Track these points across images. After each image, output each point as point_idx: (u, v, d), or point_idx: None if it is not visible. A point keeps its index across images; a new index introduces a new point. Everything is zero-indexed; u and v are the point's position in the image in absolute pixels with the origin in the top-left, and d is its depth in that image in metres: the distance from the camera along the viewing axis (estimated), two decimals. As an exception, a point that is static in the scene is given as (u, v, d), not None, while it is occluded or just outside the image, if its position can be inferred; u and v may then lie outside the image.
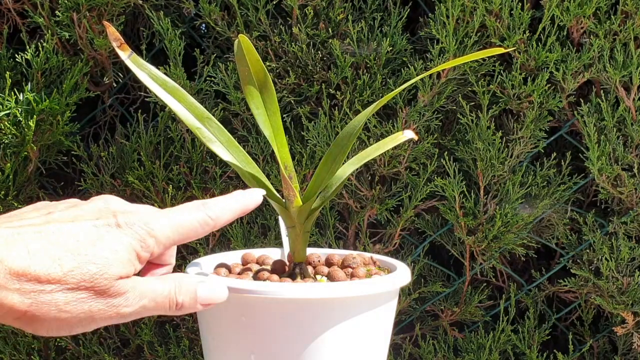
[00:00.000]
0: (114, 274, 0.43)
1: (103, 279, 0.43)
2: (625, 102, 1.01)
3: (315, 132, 1.05)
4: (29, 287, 0.41)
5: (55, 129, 1.10)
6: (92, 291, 0.43)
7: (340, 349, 0.54)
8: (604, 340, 1.14)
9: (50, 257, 0.42)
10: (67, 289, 0.42)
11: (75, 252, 0.42)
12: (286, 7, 1.08)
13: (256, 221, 1.10)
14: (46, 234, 0.43)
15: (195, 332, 1.15)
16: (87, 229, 0.44)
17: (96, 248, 0.43)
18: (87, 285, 0.42)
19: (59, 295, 0.42)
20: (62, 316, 0.42)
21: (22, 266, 0.41)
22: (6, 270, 0.40)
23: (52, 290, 0.41)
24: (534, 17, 1.03)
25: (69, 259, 0.42)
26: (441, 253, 1.17)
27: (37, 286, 0.41)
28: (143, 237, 0.46)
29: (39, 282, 0.41)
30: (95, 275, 0.42)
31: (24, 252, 0.41)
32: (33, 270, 0.41)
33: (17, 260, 0.41)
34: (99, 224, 0.45)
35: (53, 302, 0.42)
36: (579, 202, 1.12)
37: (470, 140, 1.05)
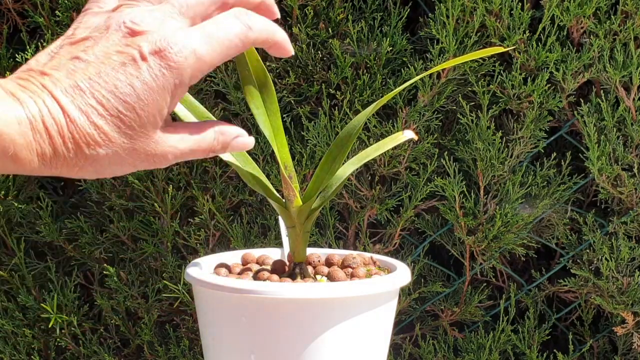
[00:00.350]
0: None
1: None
2: (625, 102, 1.01)
3: (315, 132, 1.05)
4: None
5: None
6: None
7: (340, 349, 0.54)
8: (604, 340, 1.14)
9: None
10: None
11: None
12: (286, 7, 1.08)
13: (256, 221, 1.10)
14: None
15: (195, 332, 1.15)
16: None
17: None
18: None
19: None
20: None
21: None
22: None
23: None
24: (534, 17, 1.03)
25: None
26: (441, 253, 1.17)
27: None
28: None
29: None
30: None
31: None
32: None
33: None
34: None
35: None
36: (579, 202, 1.12)
37: (470, 140, 1.05)
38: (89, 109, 0.41)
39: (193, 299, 0.96)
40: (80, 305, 1.16)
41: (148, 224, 1.13)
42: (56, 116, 0.41)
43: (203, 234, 1.10)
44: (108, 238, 1.15)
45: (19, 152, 0.40)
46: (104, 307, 1.15)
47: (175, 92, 0.44)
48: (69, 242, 1.16)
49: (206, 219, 1.09)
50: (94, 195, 1.15)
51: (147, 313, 1.14)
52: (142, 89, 0.42)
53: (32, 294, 1.16)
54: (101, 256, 1.16)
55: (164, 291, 1.13)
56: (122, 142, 0.43)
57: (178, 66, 0.43)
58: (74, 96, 0.41)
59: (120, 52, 0.43)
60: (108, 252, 1.16)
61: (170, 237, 1.11)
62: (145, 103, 0.43)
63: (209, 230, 1.11)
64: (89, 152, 0.42)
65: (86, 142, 0.42)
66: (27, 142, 0.40)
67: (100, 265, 1.15)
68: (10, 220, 1.16)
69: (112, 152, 0.43)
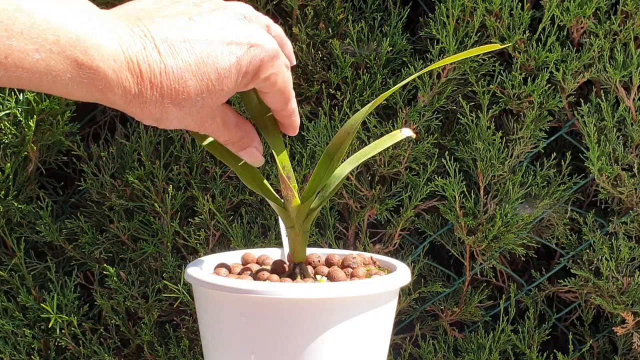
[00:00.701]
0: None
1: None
2: (625, 102, 1.01)
3: (315, 132, 1.05)
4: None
5: (55, 129, 1.10)
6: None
7: (340, 349, 0.54)
8: (604, 340, 1.14)
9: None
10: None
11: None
12: (286, 7, 1.08)
13: (256, 221, 1.10)
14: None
15: (195, 332, 1.15)
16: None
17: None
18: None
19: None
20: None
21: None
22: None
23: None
24: (534, 17, 1.03)
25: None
26: (441, 253, 1.17)
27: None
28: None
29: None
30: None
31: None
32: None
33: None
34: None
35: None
36: (579, 202, 1.12)
37: (470, 140, 1.05)
38: (185, 66, 0.45)
39: (193, 299, 0.96)
40: (80, 305, 1.16)
41: (148, 224, 1.13)
42: (152, 63, 0.43)
43: (203, 234, 1.10)
44: (108, 238, 1.15)
45: (107, 86, 0.42)
46: (104, 307, 1.15)
47: (252, 81, 0.49)
48: (69, 242, 1.16)
49: (206, 219, 1.09)
50: (94, 195, 1.15)
51: (147, 313, 1.14)
52: (235, 67, 0.47)
53: (32, 294, 1.16)
54: (101, 256, 1.16)
55: (164, 291, 1.13)
56: (196, 103, 0.47)
57: (265, 64, 0.49)
58: (175, 50, 0.44)
59: (234, 30, 0.47)
60: (108, 252, 1.16)
61: (170, 237, 1.11)
62: (232, 80, 0.47)
63: (209, 230, 1.11)
64: (168, 102, 0.45)
65: (169, 94, 0.45)
66: (117, 78, 0.42)
67: (100, 265, 1.15)
68: (10, 220, 1.16)
69: (185, 109, 0.46)
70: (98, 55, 0.41)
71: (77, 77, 0.41)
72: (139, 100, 0.44)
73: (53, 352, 1.18)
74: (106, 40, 0.42)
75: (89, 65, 0.41)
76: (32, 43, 0.38)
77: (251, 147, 0.55)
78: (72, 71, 0.40)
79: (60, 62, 0.40)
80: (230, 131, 0.53)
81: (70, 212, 1.19)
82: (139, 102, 0.44)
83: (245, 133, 0.54)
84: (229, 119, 0.52)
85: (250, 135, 0.55)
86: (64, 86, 0.41)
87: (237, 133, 0.53)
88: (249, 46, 0.48)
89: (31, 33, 0.38)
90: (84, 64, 0.41)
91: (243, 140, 0.54)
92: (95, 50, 0.41)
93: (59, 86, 0.41)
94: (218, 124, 0.51)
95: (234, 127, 0.53)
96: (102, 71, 0.41)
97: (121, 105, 0.44)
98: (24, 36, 0.38)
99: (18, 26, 0.38)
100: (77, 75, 0.41)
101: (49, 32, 0.39)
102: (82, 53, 0.40)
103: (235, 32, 0.47)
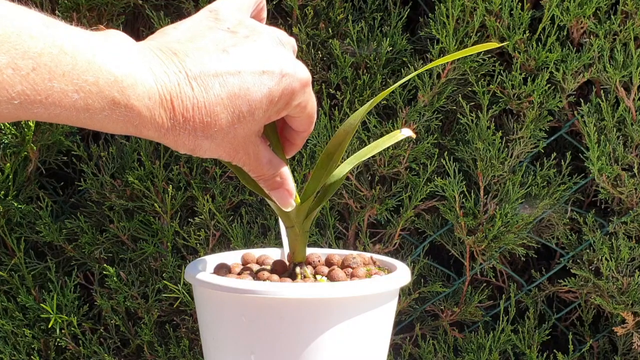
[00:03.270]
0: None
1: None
2: (625, 102, 1.01)
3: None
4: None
5: (55, 129, 1.10)
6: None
7: (340, 349, 0.54)
8: (604, 340, 1.14)
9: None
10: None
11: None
12: (286, 7, 1.08)
13: (256, 221, 1.10)
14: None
15: (195, 332, 1.15)
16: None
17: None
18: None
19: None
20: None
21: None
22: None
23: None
24: (534, 17, 1.03)
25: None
26: (441, 253, 1.17)
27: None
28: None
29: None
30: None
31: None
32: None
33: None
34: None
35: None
36: (579, 202, 1.12)
37: (470, 140, 1.05)
38: (217, 100, 0.46)
39: (193, 299, 0.96)
40: (80, 305, 1.16)
41: (148, 224, 1.13)
42: (185, 99, 0.44)
43: (203, 234, 1.10)
44: (108, 238, 1.15)
45: (141, 122, 0.43)
46: (104, 307, 1.15)
47: (284, 109, 0.50)
48: (69, 242, 1.16)
49: (206, 219, 1.09)
50: (94, 195, 1.15)
51: (147, 313, 1.14)
52: (267, 98, 0.48)
53: (32, 294, 1.16)
54: (101, 256, 1.16)
55: (164, 291, 1.13)
56: (228, 134, 0.47)
57: (296, 92, 0.50)
58: (208, 85, 0.45)
59: (266, 59, 0.48)
60: (108, 252, 1.16)
61: (170, 237, 1.11)
62: (263, 109, 0.48)
63: (209, 230, 1.11)
64: (201, 135, 0.46)
65: (202, 127, 0.46)
66: (151, 115, 0.43)
67: (100, 265, 1.15)
68: (10, 220, 1.16)
69: (218, 140, 0.47)
70: (134, 94, 0.42)
71: (112, 114, 0.42)
72: (172, 133, 0.45)
73: (53, 352, 1.18)
74: (142, 78, 0.43)
75: (124, 104, 0.42)
76: (72, 84, 0.39)
77: (282, 188, 0.55)
78: (108, 110, 0.41)
79: (98, 102, 0.41)
80: (263, 167, 0.53)
81: (70, 212, 1.19)
82: (172, 135, 0.45)
83: (278, 172, 0.54)
84: (261, 154, 0.52)
85: (282, 176, 0.55)
86: (99, 122, 0.42)
87: (269, 170, 0.54)
88: (281, 76, 0.48)
89: (72, 75, 0.39)
90: (120, 103, 0.42)
91: (275, 179, 0.55)
92: (131, 89, 0.42)
93: (95, 122, 0.42)
94: (250, 156, 0.51)
95: (266, 163, 0.53)
96: (136, 109, 0.43)
97: (155, 138, 0.45)
98: (65, 78, 0.39)
99: (60, 68, 0.39)
100: (112, 113, 0.42)
101: (89, 74, 0.40)
102: (119, 93, 0.41)
103: (267, 62, 0.48)
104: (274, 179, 0.55)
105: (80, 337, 1.16)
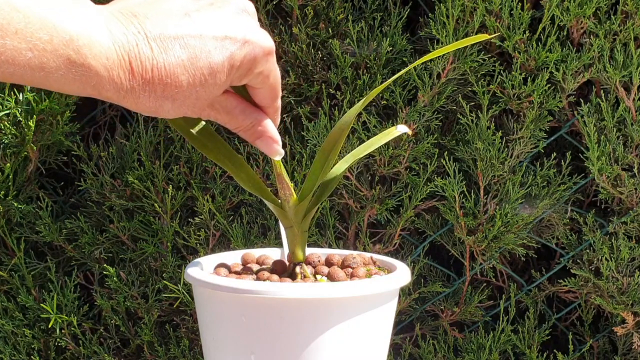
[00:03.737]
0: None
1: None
2: (625, 102, 1.01)
3: (315, 132, 1.05)
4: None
5: (55, 129, 1.10)
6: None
7: (340, 349, 0.54)
8: (604, 340, 1.14)
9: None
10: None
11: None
12: (286, 7, 1.08)
13: (256, 221, 1.10)
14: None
15: (195, 332, 1.15)
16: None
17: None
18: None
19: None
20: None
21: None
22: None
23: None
24: (534, 17, 1.03)
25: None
26: (441, 253, 1.17)
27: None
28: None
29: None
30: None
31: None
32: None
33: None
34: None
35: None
36: (579, 202, 1.12)
37: (470, 140, 1.05)
38: (177, 62, 0.45)
39: (193, 299, 0.96)
40: (80, 305, 1.16)
41: (148, 224, 1.13)
42: (145, 60, 0.44)
43: (203, 234, 1.10)
44: (108, 238, 1.15)
45: (99, 82, 0.43)
46: (104, 307, 1.15)
47: (245, 76, 0.50)
48: (69, 242, 1.16)
49: (206, 219, 1.09)
50: (94, 196, 1.15)
51: (147, 313, 1.14)
52: (229, 61, 0.47)
53: (32, 294, 1.16)
54: (101, 256, 1.16)
55: (164, 291, 1.13)
56: (190, 96, 0.47)
57: (259, 59, 0.49)
58: (168, 46, 0.45)
59: (229, 25, 0.48)
60: (108, 252, 1.16)
61: (170, 237, 1.11)
62: (224, 74, 0.47)
63: (209, 230, 1.11)
64: (160, 95, 0.46)
65: (162, 89, 0.45)
66: (109, 75, 0.43)
67: (100, 265, 1.15)
68: (10, 220, 1.16)
69: (179, 101, 0.47)
70: (90, 54, 0.42)
71: (69, 74, 0.41)
72: (132, 95, 0.45)
73: (53, 352, 1.18)
74: (99, 38, 0.42)
75: (80, 63, 0.41)
76: (25, 42, 0.39)
77: (265, 136, 0.54)
78: (64, 69, 0.41)
79: (53, 60, 0.40)
80: (237, 118, 0.52)
81: (70, 212, 1.19)
82: (132, 96, 0.45)
83: (255, 121, 0.54)
84: (230, 105, 0.52)
85: (262, 123, 0.54)
86: (56, 82, 0.42)
87: (244, 120, 0.53)
88: (243, 42, 0.48)
89: (25, 33, 0.39)
90: (76, 62, 0.41)
91: (255, 128, 0.54)
92: (87, 49, 0.41)
93: (51, 82, 0.41)
94: (219, 111, 0.51)
95: (239, 113, 0.52)
96: (93, 69, 0.42)
97: (115, 99, 0.45)
98: (18, 35, 0.39)
99: (13, 26, 0.38)
100: (69, 73, 0.41)
101: (43, 32, 0.40)
102: (74, 52, 0.41)
103: (230, 28, 0.48)
104: (254, 129, 0.54)
105: (80, 337, 1.16)
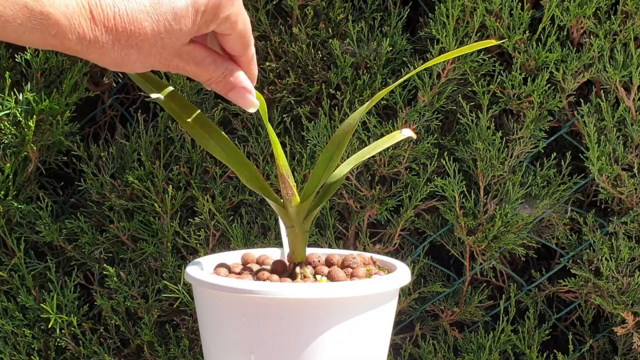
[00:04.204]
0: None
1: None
2: (625, 102, 1.01)
3: (315, 132, 1.05)
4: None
5: (55, 129, 1.10)
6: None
7: (340, 349, 0.54)
8: (604, 340, 1.14)
9: None
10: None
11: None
12: (286, 7, 1.08)
13: (256, 221, 1.10)
14: None
15: (195, 332, 1.15)
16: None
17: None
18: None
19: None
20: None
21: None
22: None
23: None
24: (534, 17, 1.03)
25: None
26: (441, 253, 1.17)
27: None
28: None
29: None
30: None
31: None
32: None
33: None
34: None
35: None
36: (579, 202, 1.12)
37: (470, 140, 1.05)
38: (139, 7, 0.45)
39: (193, 299, 0.96)
40: (80, 305, 1.16)
41: (148, 224, 1.13)
42: (105, 7, 0.43)
43: (203, 234, 1.10)
44: (108, 238, 1.15)
45: (60, 32, 0.42)
46: (104, 307, 1.15)
47: (212, 21, 0.49)
48: (69, 242, 1.16)
49: (206, 219, 1.09)
50: (94, 196, 1.15)
51: (147, 313, 1.14)
52: (192, 6, 0.46)
53: (32, 294, 1.16)
54: (101, 256, 1.16)
55: (164, 291, 1.13)
56: (155, 44, 0.46)
57: (224, 2, 0.48)
58: None
59: None
60: (108, 252, 1.16)
61: (170, 237, 1.11)
62: (190, 19, 0.47)
63: (209, 230, 1.11)
64: (126, 45, 0.45)
65: (125, 37, 0.45)
66: (70, 24, 0.42)
67: (100, 265, 1.15)
68: (10, 220, 1.16)
69: (145, 50, 0.46)
70: (49, 1, 0.41)
71: (27, 23, 0.41)
72: (95, 45, 0.44)
73: (53, 352, 1.18)
74: None
75: (39, 11, 0.41)
76: None
77: (238, 87, 0.53)
78: (22, 17, 0.40)
79: (10, 8, 0.40)
80: (207, 69, 0.51)
81: (70, 212, 1.19)
82: (96, 47, 0.44)
83: (227, 71, 0.52)
84: (200, 56, 0.50)
85: (233, 74, 0.52)
86: (14, 31, 0.41)
87: (215, 70, 0.52)
88: None
89: None
90: (34, 10, 0.40)
91: (227, 79, 0.52)
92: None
93: (10, 32, 0.41)
94: (187, 61, 0.50)
95: (210, 64, 0.51)
96: (53, 17, 0.41)
97: (79, 52, 0.44)
98: None
99: None
100: (27, 21, 0.41)
101: None
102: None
103: None
104: (225, 80, 0.52)
105: (80, 337, 1.16)
